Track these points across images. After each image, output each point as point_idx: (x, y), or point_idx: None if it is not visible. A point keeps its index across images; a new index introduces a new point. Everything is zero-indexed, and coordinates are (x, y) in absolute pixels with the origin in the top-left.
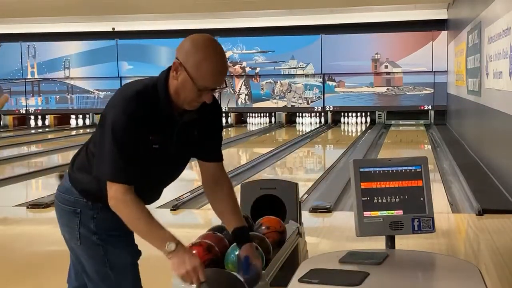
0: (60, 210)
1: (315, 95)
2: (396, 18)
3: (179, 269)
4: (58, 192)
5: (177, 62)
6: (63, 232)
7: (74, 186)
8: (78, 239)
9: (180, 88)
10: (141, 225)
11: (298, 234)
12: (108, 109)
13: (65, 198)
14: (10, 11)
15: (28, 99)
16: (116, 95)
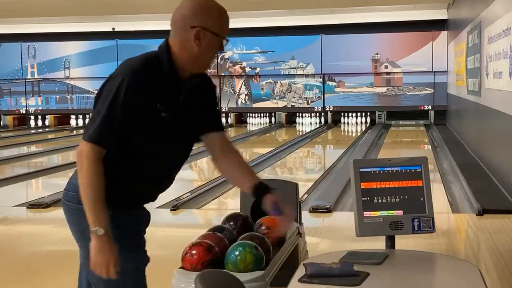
0: (68, 209)
1: (315, 95)
2: (396, 18)
3: (95, 255)
4: (66, 191)
5: (199, 28)
6: (72, 232)
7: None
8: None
9: (204, 52)
10: (90, 194)
11: (298, 234)
12: (111, 80)
13: (73, 196)
14: (10, 11)
15: (28, 99)
16: (119, 68)
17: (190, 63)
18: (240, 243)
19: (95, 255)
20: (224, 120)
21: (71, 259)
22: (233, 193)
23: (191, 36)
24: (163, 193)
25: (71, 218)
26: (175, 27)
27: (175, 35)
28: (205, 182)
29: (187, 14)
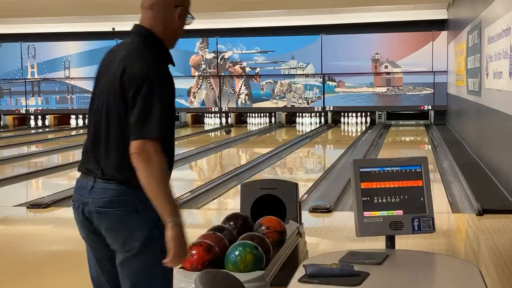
0: (113, 216)
1: (315, 95)
2: (396, 18)
3: (177, 245)
4: (106, 199)
5: (181, 7)
6: (114, 238)
7: (126, 177)
8: (138, 240)
9: (181, 29)
10: (164, 188)
11: (298, 234)
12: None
13: (120, 201)
14: (10, 11)
15: (28, 99)
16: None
17: (170, 41)
18: (240, 243)
19: (177, 245)
20: (224, 120)
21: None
22: (233, 193)
23: (176, 14)
24: None
25: (117, 224)
26: (157, 8)
27: (156, 16)
28: (205, 182)
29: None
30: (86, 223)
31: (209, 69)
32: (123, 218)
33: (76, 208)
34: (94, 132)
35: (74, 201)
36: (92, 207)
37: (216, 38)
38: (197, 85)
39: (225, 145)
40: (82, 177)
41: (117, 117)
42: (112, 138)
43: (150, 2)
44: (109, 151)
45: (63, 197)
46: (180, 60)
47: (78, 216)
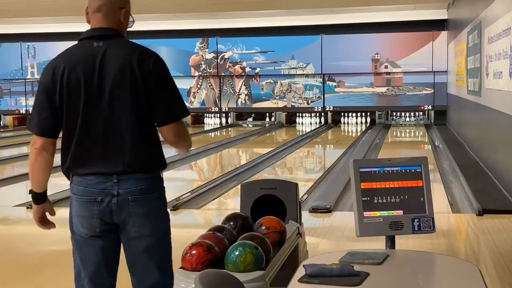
0: (150, 202)
1: (315, 95)
2: (396, 18)
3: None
4: (141, 187)
5: (126, 10)
6: (145, 223)
7: (154, 168)
8: (164, 223)
9: (125, 29)
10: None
11: (298, 234)
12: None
13: (156, 185)
14: (10, 11)
15: (28, 99)
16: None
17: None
18: (240, 243)
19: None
20: (224, 120)
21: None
22: (233, 193)
23: (121, 16)
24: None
25: (152, 209)
26: (106, 9)
27: (115, 14)
28: (205, 182)
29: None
30: (105, 215)
31: (209, 69)
32: (157, 204)
33: (95, 202)
34: (100, 130)
35: (93, 194)
36: (126, 196)
37: (216, 38)
38: (197, 85)
39: (225, 145)
40: (93, 174)
41: (133, 112)
42: (131, 132)
43: (100, 4)
44: (130, 144)
45: (63, 197)
46: (180, 60)
47: (97, 209)
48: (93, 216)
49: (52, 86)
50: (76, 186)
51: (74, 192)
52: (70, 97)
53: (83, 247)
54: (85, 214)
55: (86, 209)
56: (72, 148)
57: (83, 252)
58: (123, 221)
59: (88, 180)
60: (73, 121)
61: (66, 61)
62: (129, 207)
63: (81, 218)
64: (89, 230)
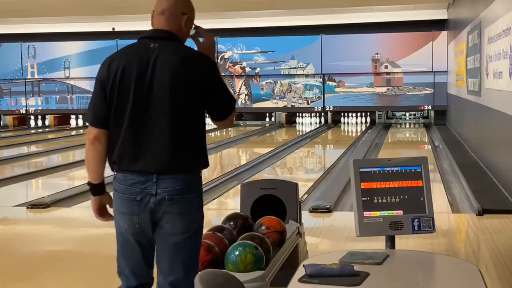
0: (186, 202)
1: (315, 95)
2: (396, 18)
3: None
4: (179, 187)
5: (188, 16)
6: (179, 223)
7: (194, 169)
8: (196, 222)
9: (187, 35)
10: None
11: (298, 234)
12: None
13: (190, 187)
14: (10, 11)
15: (28, 99)
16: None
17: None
18: (240, 243)
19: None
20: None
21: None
22: (233, 193)
23: (182, 21)
24: None
25: (187, 208)
26: (168, 13)
27: (176, 19)
28: (205, 182)
29: (179, 3)
30: (144, 213)
31: None
32: (192, 203)
33: (135, 201)
34: (145, 129)
35: (133, 194)
36: (163, 195)
37: (216, 38)
38: None
39: (225, 145)
40: (134, 172)
41: (178, 113)
42: (174, 133)
43: (163, 7)
44: (172, 145)
45: (63, 197)
46: None
47: (137, 207)
48: (133, 213)
49: (106, 80)
50: (118, 184)
51: (116, 189)
52: (121, 93)
53: (124, 239)
54: (126, 211)
55: (127, 206)
56: (118, 145)
57: (124, 244)
58: (159, 218)
59: (130, 179)
60: (120, 116)
61: (122, 58)
62: (165, 206)
63: (122, 214)
64: (129, 226)
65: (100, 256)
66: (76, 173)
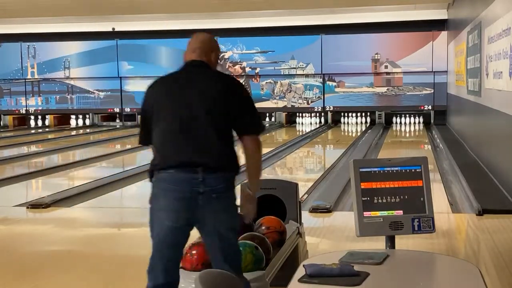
0: (230, 199)
1: (315, 95)
2: (396, 18)
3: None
4: (223, 186)
5: (216, 53)
6: (224, 219)
7: (233, 169)
8: (236, 217)
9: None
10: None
11: (298, 234)
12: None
13: (232, 185)
14: (10, 11)
15: (28, 99)
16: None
17: None
18: (240, 243)
19: (253, 208)
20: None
21: (71, 259)
22: None
23: (212, 57)
24: None
25: (231, 205)
26: (200, 51)
27: (207, 54)
28: None
29: (208, 42)
30: (190, 210)
31: None
32: (232, 201)
33: (183, 198)
34: (190, 135)
35: (182, 192)
36: (209, 194)
37: (216, 38)
38: None
39: None
40: (182, 171)
41: (216, 122)
42: (217, 137)
43: (202, 42)
44: (216, 147)
45: (63, 197)
46: (180, 60)
47: (183, 204)
48: (179, 211)
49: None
50: (164, 184)
51: (163, 188)
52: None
53: (164, 236)
54: (172, 208)
55: (173, 204)
56: (163, 148)
57: (162, 242)
58: (204, 216)
59: (177, 177)
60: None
61: (162, 80)
62: (211, 204)
63: (167, 211)
64: (173, 222)
65: (100, 256)
66: (76, 173)
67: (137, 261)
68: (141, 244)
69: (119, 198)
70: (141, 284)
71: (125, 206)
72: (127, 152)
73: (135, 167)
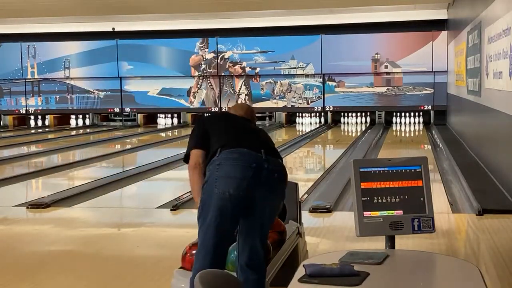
0: (281, 184)
1: (315, 95)
2: (396, 18)
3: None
4: (281, 168)
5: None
6: (272, 199)
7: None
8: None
9: None
10: None
11: (298, 234)
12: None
13: (286, 174)
14: (10, 11)
15: (28, 99)
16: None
17: None
18: None
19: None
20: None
21: (71, 259)
22: None
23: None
24: (164, 193)
25: (283, 189)
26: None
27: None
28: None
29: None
30: (254, 180)
31: (209, 69)
32: (284, 186)
33: (250, 167)
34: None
35: (248, 162)
36: (272, 173)
37: (216, 38)
38: (197, 85)
39: None
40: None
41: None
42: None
43: (249, 114)
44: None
45: (63, 197)
46: (180, 60)
47: (250, 173)
48: (244, 178)
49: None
50: (232, 155)
51: (229, 157)
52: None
53: (223, 202)
54: (237, 175)
55: (240, 171)
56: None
57: (222, 207)
58: (266, 189)
59: (243, 151)
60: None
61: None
62: (272, 181)
63: (231, 179)
64: (235, 189)
65: (100, 256)
66: (76, 173)
67: (137, 261)
68: (141, 244)
69: (119, 198)
70: (141, 284)
71: (125, 206)
72: (127, 152)
73: (135, 167)
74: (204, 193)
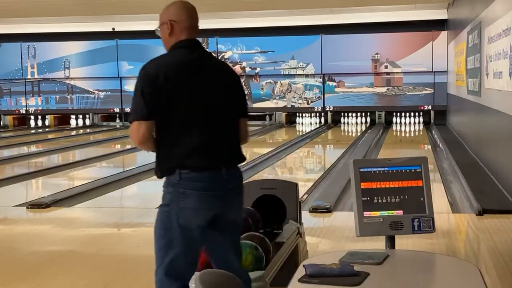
0: (242, 194)
1: (315, 95)
2: (396, 18)
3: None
4: (241, 177)
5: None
6: (240, 213)
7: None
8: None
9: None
10: None
11: (298, 234)
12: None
13: (243, 178)
14: (10, 11)
15: (28, 99)
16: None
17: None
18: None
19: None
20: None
21: (71, 259)
22: None
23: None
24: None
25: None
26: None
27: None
28: None
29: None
30: (218, 207)
31: None
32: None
33: (214, 196)
34: (212, 127)
35: (211, 190)
36: (235, 190)
37: (216, 38)
38: None
39: None
40: (212, 170)
41: (233, 110)
42: (232, 129)
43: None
44: (233, 140)
45: (63, 197)
46: None
47: (213, 202)
48: (209, 208)
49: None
50: (193, 183)
51: (191, 188)
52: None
53: (191, 236)
54: (202, 207)
55: (204, 202)
56: (185, 144)
57: (190, 242)
58: (229, 209)
59: (206, 177)
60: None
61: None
62: (235, 198)
63: (197, 210)
64: (202, 220)
65: (100, 256)
66: (76, 173)
67: (137, 261)
68: (141, 244)
69: (119, 198)
70: (141, 284)
71: (125, 206)
72: (127, 152)
73: (135, 167)
74: (166, 222)
